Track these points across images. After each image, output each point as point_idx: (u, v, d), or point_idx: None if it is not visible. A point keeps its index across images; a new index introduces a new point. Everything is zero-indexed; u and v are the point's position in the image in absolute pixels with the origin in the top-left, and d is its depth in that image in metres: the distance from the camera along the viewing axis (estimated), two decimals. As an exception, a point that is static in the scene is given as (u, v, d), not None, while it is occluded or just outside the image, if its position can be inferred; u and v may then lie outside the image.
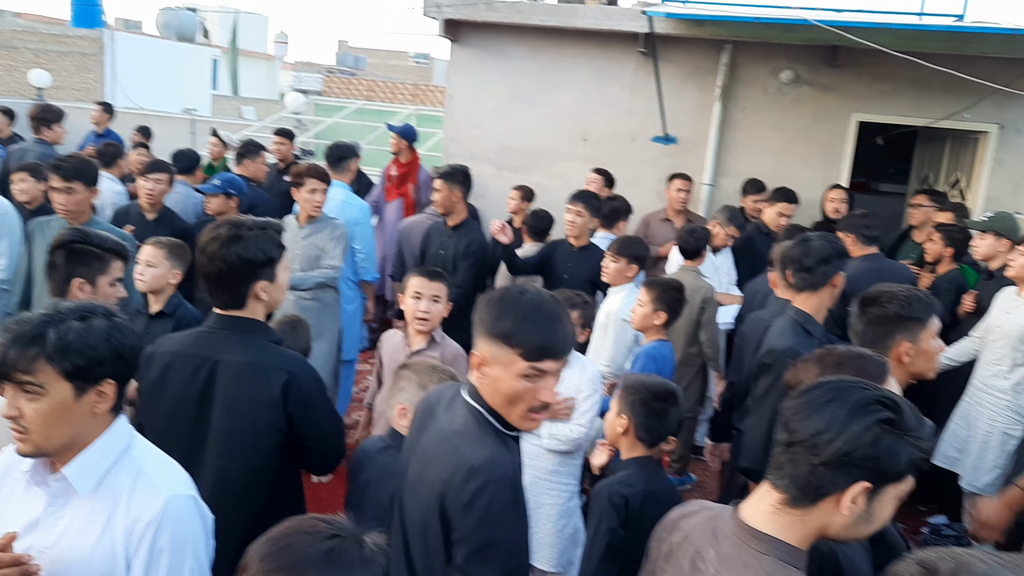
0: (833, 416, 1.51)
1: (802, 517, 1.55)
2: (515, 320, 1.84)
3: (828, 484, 1.51)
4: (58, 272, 2.89)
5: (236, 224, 2.42)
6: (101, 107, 9.44)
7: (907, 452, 1.50)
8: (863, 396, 1.53)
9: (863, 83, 6.78)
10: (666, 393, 2.83)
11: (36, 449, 1.70)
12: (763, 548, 1.56)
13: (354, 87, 37.24)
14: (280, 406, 2.38)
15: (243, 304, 2.45)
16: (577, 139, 7.46)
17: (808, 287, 3.33)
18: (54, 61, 19.67)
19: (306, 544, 1.38)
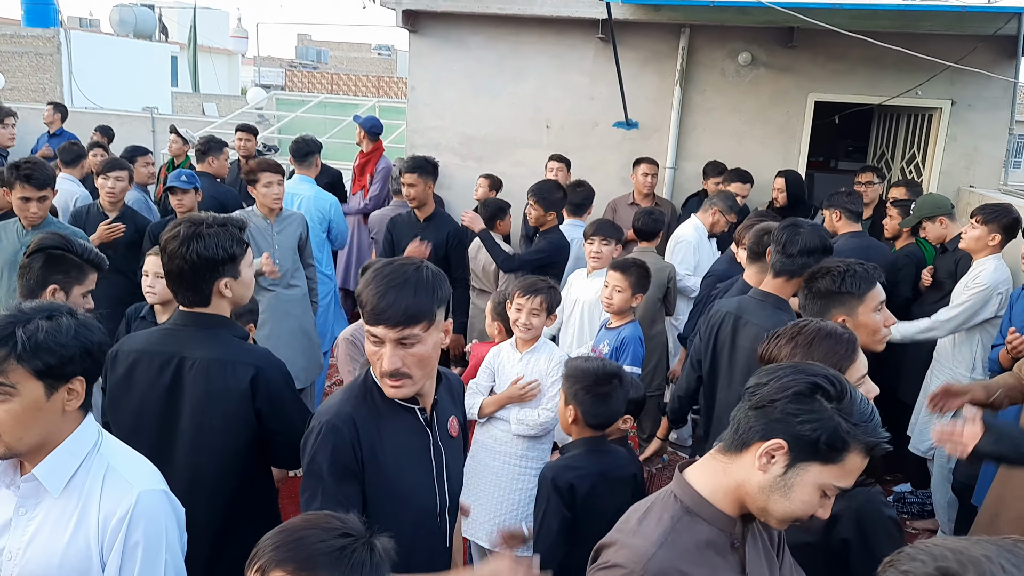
0: (780, 374, 1.55)
1: (726, 465, 1.59)
2: (364, 284, 1.90)
3: (751, 432, 1.54)
4: (33, 276, 2.85)
5: (196, 222, 2.41)
6: (52, 107, 9.32)
7: (831, 426, 1.48)
8: (815, 368, 1.56)
9: (818, 63, 6.89)
10: (608, 376, 2.83)
11: (7, 450, 1.70)
12: (674, 488, 1.63)
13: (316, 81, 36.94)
14: (248, 401, 2.38)
15: (207, 301, 2.45)
16: (540, 127, 7.49)
17: (784, 273, 3.29)
18: (8, 62, 19.28)
19: (319, 539, 1.41)
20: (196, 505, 1.99)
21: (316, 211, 5.65)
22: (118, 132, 9.69)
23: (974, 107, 6.69)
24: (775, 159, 6.97)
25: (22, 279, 2.88)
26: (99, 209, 5.38)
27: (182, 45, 27.78)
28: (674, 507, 1.59)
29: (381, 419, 1.98)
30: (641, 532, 1.57)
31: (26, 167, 4.09)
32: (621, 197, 6.79)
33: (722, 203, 5.62)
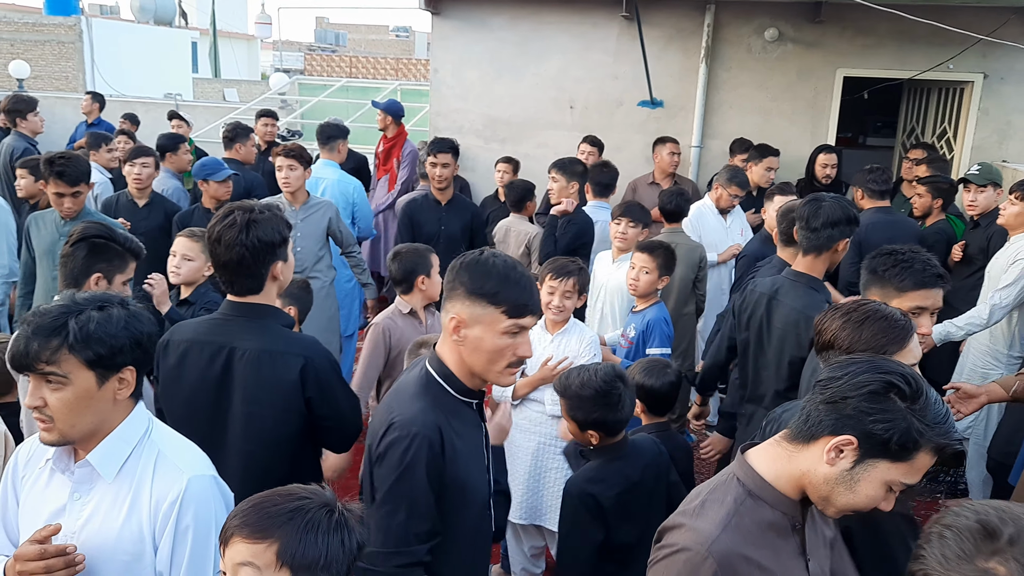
0: (854, 369, 1.54)
1: (792, 453, 1.59)
2: (498, 280, 1.94)
3: (821, 425, 1.54)
4: (77, 264, 2.90)
5: (247, 209, 2.45)
6: (91, 96, 9.37)
7: (902, 426, 1.47)
8: (891, 366, 1.55)
9: (846, 38, 6.79)
10: (610, 384, 2.71)
11: (61, 437, 1.74)
12: (737, 470, 1.63)
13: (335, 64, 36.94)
14: (299, 390, 2.42)
15: (261, 287, 2.48)
16: (563, 107, 7.45)
17: (812, 249, 3.28)
18: (31, 51, 19.41)
19: (273, 504, 1.48)
20: (247, 491, 2.01)
21: (340, 195, 5.66)
22: (142, 119, 9.76)
23: (1007, 80, 6.57)
24: (803, 136, 6.90)
25: (65, 267, 2.92)
26: (128, 197, 5.43)
27: (202, 31, 27.84)
28: (737, 490, 1.60)
29: (451, 419, 2.00)
30: (705, 515, 1.58)
31: (59, 163, 4.10)
32: (642, 177, 6.76)
33: (722, 177, 5.60)
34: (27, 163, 5.60)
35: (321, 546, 1.43)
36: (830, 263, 3.36)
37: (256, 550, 1.44)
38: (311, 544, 1.43)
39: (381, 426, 1.95)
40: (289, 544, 1.42)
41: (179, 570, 1.77)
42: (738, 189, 5.54)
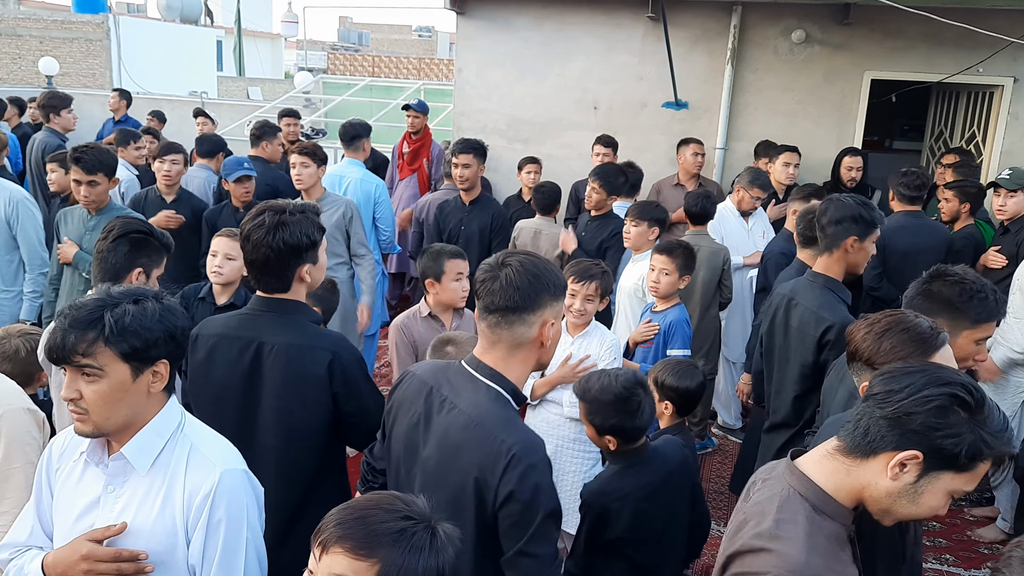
0: (912, 381, 1.52)
1: (850, 467, 1.57)
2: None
3: (883, 440, 1.52)
4: (119, 258, 2.93)
5: (278, 210, 2.44)
6: (118, 93, 9.46)
7: (970, 439, 1.47)
8: (949, 375, 1.53)
9: (875, 40, 6.73)
10: (631, 390, 2.69)
11: (96, 429, 1.75)
12: (795, 484, 1.60)
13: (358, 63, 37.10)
14: (326, 385, 2.43)
15: (288, 287, 2.49)
16: (587, 108, 7.44)
17: (825, 248, 3.30)
18: (59, 48, 19.65)
19: (379, 520, 1.43)
20: (274, 484, 2.03)
21: (362, 194, 5.67)
22: (168, 117, 9.85)
23: (1038, 84, 6.49)
24: (829, 139, 6.85)
25: (104, 262, 2.94)
26: (156, 193, 5.47)
27: (227, 29, 28.04)
28: (804, 505, 1.58)
29: None
30: (784, 537, 1.55)
31: (79, 150, 4.17)
32: (666, 179, 6.73)
33: (744, 179, 5.56)
34: (56, 157, 5.67)
35: (420, 571, 1.40)
36: (848, 264, 3.32)
37: (358, 567, 1.40)
38: (411, 568, 1.40)
39: (498, 458, 1.85)
40: (391, 568, 1.39)
41: (211, 563, 1.78)
42: (760, 191, 5.51)
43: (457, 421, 1.96)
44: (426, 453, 2.01)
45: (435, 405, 2.03)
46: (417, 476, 2.03)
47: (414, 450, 2.05)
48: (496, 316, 1.96)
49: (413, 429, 2.06)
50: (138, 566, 1.73)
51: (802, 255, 4.05)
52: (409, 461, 2.07)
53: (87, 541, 1.74)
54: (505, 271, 1.96)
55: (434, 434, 2.00)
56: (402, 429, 2.10)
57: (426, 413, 2.04)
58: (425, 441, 2.01)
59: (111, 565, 1.72)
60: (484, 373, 2.00)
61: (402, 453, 2.09)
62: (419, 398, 2.07)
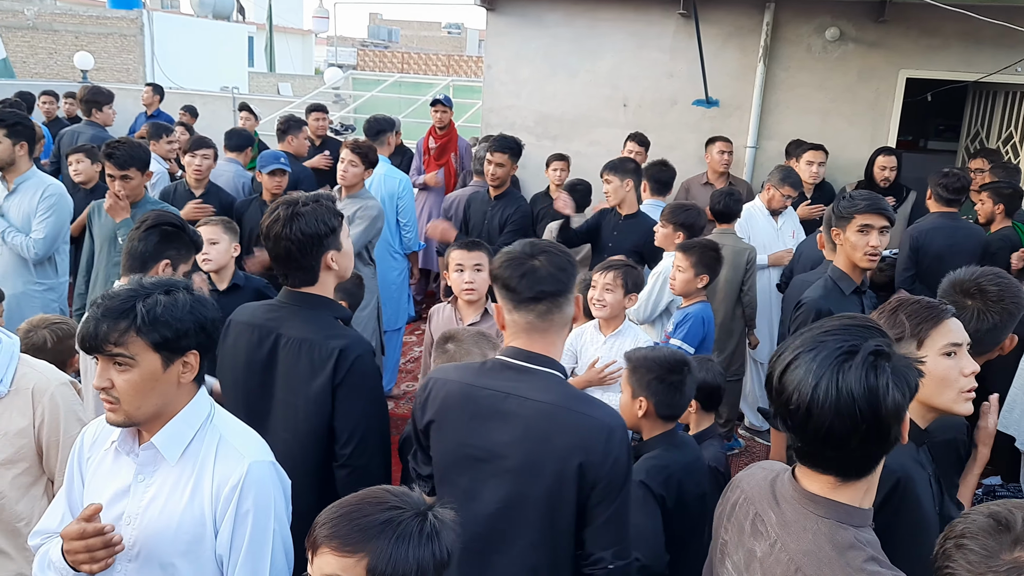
0: (855, 405, 1.41)
1: (860, 484, 1.51)
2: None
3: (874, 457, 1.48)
4: (148, 248, 2.96)
5: (291, 203, 2.45)
6: (151, 88, 9.57)
7: (908, 375, 1.43)
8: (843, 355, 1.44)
9: (911, 38, 6.62)
10: (679, 364, 2.74)
11: (126, 418, 1.77)
12: (822, 511, 1.52)
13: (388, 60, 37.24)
14: (329, 380, 2.38)
15: (315, 279, 2.49)
16: (616, 105, 7.40)
17: (831, 245, 3.44)
18: (94, 43, 19.92)
19: (364, 514, 1.42)
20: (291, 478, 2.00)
21: (385, 189, 5.68)
22: (201, 112, 9.95)
23: (1078, 84, 6.35)
24: (862, 138, 6.75)
25: (132, 250, 2.98)
26: (186, 187, 5.52)
27: (259, 25, 28.27)
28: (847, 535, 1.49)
29: None
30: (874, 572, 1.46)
31: (111, 146, 4.22)
32: (695, 177, 6.67)
33: (774, 177, 5.49)
34: (81, 148, 5.72)
35: (412, 561, 1.39)
36: (847, 256, 3.35)
37: (346, 564, 1.39)
38: (402, 558, 1.38)
39: (598, 433, 1.91)
40: (380, 559, 1.38)
41: (239, 553, 1.79)
42: (790, 189, 5.44)
43: (538, 411, 1.95)
44: (507, 452, 1.97)
45: (497, 403, 1.99)
46: (496, 477, 1.98)
47: (481, 455, 2.00)
48: (547, 303, 1.99)
49: (473, 434, 2.01)
50: (106, 539, 1.72)
51: (829, 256, 4.02)
52: (476, 468, 2.01)
53: (74, 521, 1.74)
54: (541, 258, 2.00)
55: (512, 431, 1.96)
56: (456, 439, 2.04)
57: (487, 414, 2.00)
58: (500, 441, 1.97)
59: (80, 542, 1.71)
60: (536, 362, 2.01)
61: (464, 463, 2.03)
62: (471, 401, 2.02)
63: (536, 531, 1.96)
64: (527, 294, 1.98)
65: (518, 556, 1.98)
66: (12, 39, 19.53)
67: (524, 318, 2.01)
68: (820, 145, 6.17)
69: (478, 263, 3.59)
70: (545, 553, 1.97)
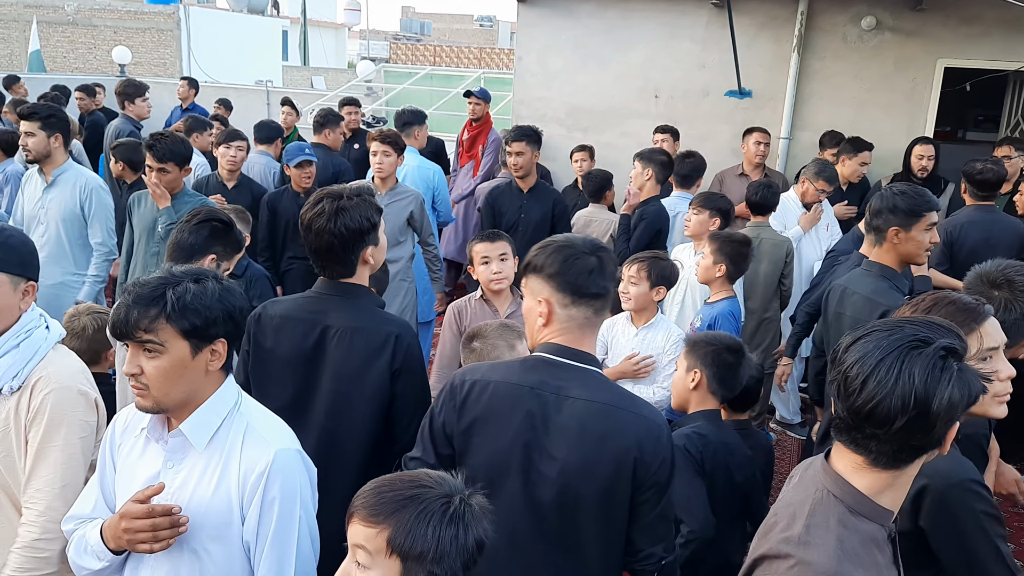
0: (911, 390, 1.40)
1: (895, 475, 1.49)
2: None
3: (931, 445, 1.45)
4: (198, 240, 3.01)
5: (336, 196, 2.47)
6: (187, 82, 9.69)
7: (972, 381, 1.42)
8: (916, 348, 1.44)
9: (949, 27, 6.49)
10: (737, 346, 2.83)
11: (155, 405, 1.80)
12: (828, 484, 1.53)
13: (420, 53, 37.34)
14: (387, 367, 2.44)
15: (352, 272, 2.52)
16: (648, 96, 7.35)
17: (876, 241, 3.30)
18: (132, 38, 20.22)
19: (393, 488, 1.47)
20: (329, 467, 2.04)
21: (421, 180, 5.70)
22: (235, 105, 10.06)
23: (1124, 72, 6.19)
24: (899, 129, 6.63)
25: (180, 240, 3.02)
26: (218, 179, 5.59)
27: (293, 19, 28.48)
28: (838, 508, 1.51)
29: None
30: (814, 544, 1.48)
31: (154, 138, 4.31)
32: (729, 168, 6.61)
33: (810, 170, 5.41)
34: (116, 146, 5.81)
35: (431, 538, 1.41)
36: (900, 254, 3.27)
37: (369, 534, 1.44)
38: (420, 535, 1.40)
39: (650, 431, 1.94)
40: (399, 532, 1.41)
41: (265, 540, 1.81)
42: (826, 184, 5.36)
43: (590, 411, 1.93)
44: (561, 452, 1.93)
45: (550, 405, 1.95)
46: (548, 477, 1.94)
47: (533, 456, 1.96)
48: (604, 300, 2.03)
49: (527, 434, 1.96)
50: (173, 519, 1.76)
51: (864, 247, 3.94)
52: (528, 466, 1.96)
53: (132, 502, 1.78)
54: (602, 256, 2.03)
55: (565, 433, 1.93)
56: (505, 440, 1.98)
57: (542, 416, 1.95)
58: (552, 444, 1.94)
59: (145, 522, 1.75)
60: (576, 359, 2.00)
61: (516, 461, 1.97)
62: (519, 400, 1.97)
63: (590, 530, 1.95)
64: (592, 290, 1.98)
65: (572, 554, 1.97)
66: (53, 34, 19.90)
67: (583, 313, 1.99)
68: (871, 145, 6.07)
69: (503, 252, 3.57)
70: (598, 551, 1.97)
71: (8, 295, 2.11)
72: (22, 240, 2.18)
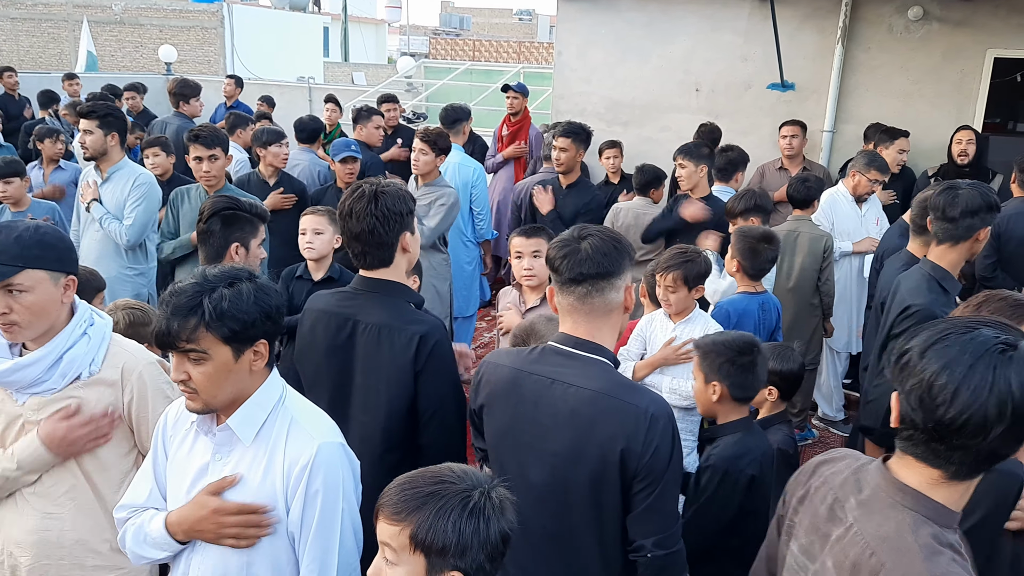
0: (1009, 396, 1.34)
1: (969, 485, 1.45)
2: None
3: (999, 456, 1.39)
4: (216, 238, 3.08)
5: (372, 182, 2.55)
6: (233, 80, 9.85)
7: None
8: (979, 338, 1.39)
9: (999, 16, 6.33)
10: (748, 346, 2.75)
11: (205, 406, 1.85)
12: (909, 503, 1.46)
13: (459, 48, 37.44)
14: (411, 365, 2.47)
15: (391, 259, 2.55)
16: (688, 90, 7.30)
17: (949, 239, 3.12)
18: (177, 36, 20.56)
19: (414, 486, 1.50)
20: (364, 460, 2.07)
21: (460, 178, 5.73)
22: (278, 102, 10.19)
23: None
24: (946, 121, 6.49)
25: (206, 243, 3.09)
26: (259, 176, 5.68)
27: (334, 16, 28.72)
28: (931, 529, 1.44)
29: None
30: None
31: (197, 129, 4.49)
32: (770, 162, 6.54)
33: (860, 162, 5.32)
34: (157, 140, 5.92)
35: (451, 533, 1.43)
36: (969, 253, 3.17)
37: (393, 532, 1.48)
38: (441, 530, 1.43)
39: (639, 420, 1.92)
40: (420, 528, 1.44)
41: (309, 531, 1.85)
42: (878, 173, 5.26)
43: (581, 397, 1.98)
44: (551, 436, 2.01)
45: (543, 388, 2.03)
46: (541, 461, 2.02)
47: (527, 439, 2.05)
48: (587, 285, 2.01)
49: (520, 418, 2.06)
50: (261, 519, 1.83)
51: (913, 244, 3.85)
52: (522, 451, 2.06)
53: (210, 496, 1.85)
54: (587, 241, 2.03)
55: (556, 416, 2.00)
56: (505, 421, 2.11)
57: (533, 399, 2.04)
58: (545, 425, 2.02)
59: (238, 517, 1.82)
60: (584, 348, 2.03)
61: (511, 445, 2.10)
62: (519, 386, 2.07)
63: (581, 514, 2.00)
64: (567, 275, 2.02)
65: (565, 538, 2.03)
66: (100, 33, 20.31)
67: (565, 300, 2.06)
68: (907, 132, 5.96)
69: (536, 250, 3.60)
70: (591, 536, 2.01)
71: (50, 290, 2.16)
72: (58, 236, 2.23)
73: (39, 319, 2.16)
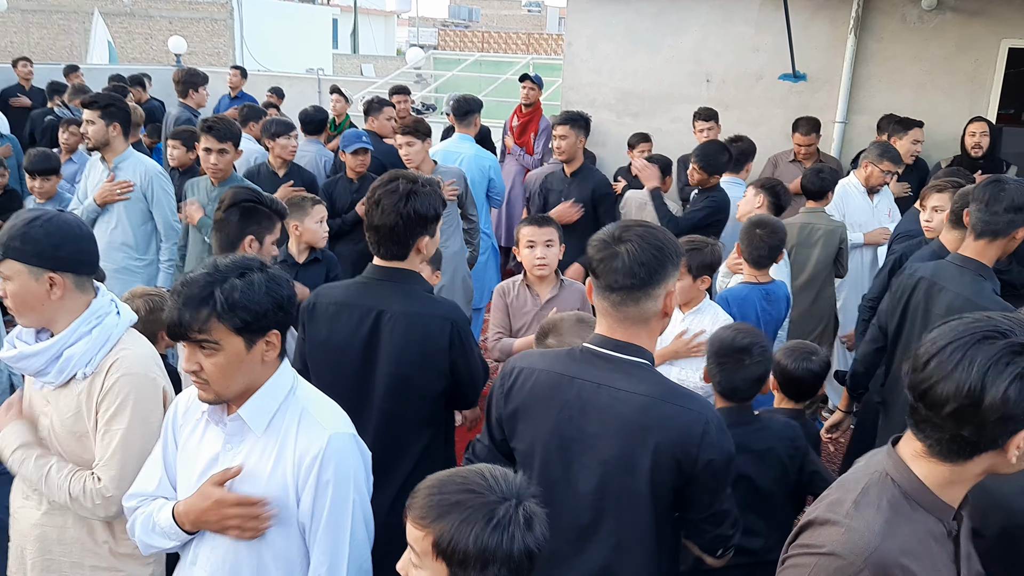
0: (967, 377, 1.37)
1: (953, 469, 1.46)
2: None
3: (985, 443, 1.40)
4: (232, 229, 3.06)
5: (411, 179, 2.53)
6: (238, 71, 9.84)
7: None
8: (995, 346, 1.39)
9: (1014, 6, 6.27)
10: (735, 349, 2.68)
11: (217, 397, 1.85)
12: (891, 469, 1.51)
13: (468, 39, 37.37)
14: (445, 352, 2.51)
15: (406, 256, 2.56)
16: (699, 81, 7.25)
17: (988, 232, 3.02)
18: (187, 28, 20.58)
19: (443, 491, 1.47)
20: (390, 448, 2.08)
21: (477, 170, 5.72)
22: (287, 93, 10.18)
23: None
24: (960, 112, 6.43)
25: (219, 232, 3.08)
26: (269, 168, 5.68)
27: (343, 7, 28.69)
28: (892, 491, 1.49)
29: None
30: (860, 517, 1.46)
31: (210, 120, 4.47)
32: (783, 153, 6.51)
33: (872, 153, 5.27)
34: (179, 134, 5.94)
35: (473, 547, 1.40)
36: (1003, 251, 3.09)
37: (417, 536, 1.46)
38: (462, 542, 1.40)
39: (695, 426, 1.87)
40: (443, 537, 1.42)
41: (319, 522, 1.85)
42: (891, 164, 5.21)
43: (631, 403, 1.90)
44: (601, 444, 1.93)
45: (589, 393, 1.94)
46: (589, 469, 1.95)
47: (573, 446, 1.96)
48: (621, 294, 1.91)
49: (565, 424, 1.96)
50: (260, 511, 1.83)
51: (947, 237, 3.76)
52: (568, 457, 1.97)
53: (214, 487, 1.84)
54: (625, 246, 1.90)
55: (604, 422, 1.92)
56: (546, 428, 1.99)
57: (579, 405, 1.95)
58: (591, 433, 1.94)
59: (239, 509, 1.82)
60: (625, 351, 1.95)
61: (556, 451, 1.99)
62: (561, 391, 1.98)
63: (631, 521, 1.94)
64: (604, 281, 1.93)
65: (612, 544, 1.96)
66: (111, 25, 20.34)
67: (601, 304, 1.97)
68: (921, 122, 5.91)
69: (549, 239, 3.58)
70: (640, 542, 1.95)
71: (29, 284, 2.11)
72: (46, 232, 2.11)
73: (28, 309, 2.15)
